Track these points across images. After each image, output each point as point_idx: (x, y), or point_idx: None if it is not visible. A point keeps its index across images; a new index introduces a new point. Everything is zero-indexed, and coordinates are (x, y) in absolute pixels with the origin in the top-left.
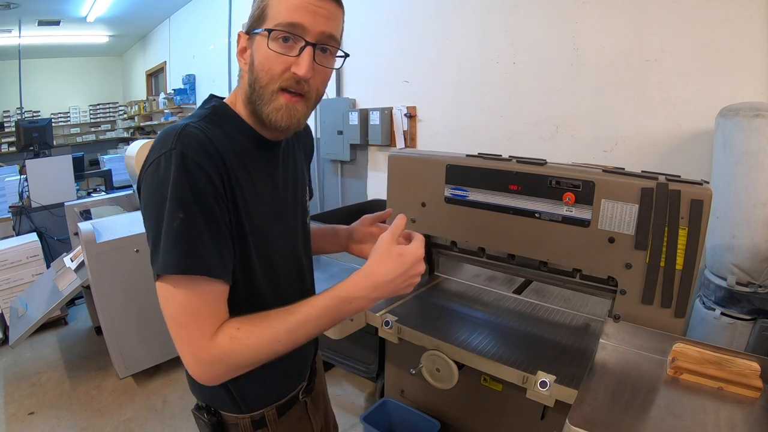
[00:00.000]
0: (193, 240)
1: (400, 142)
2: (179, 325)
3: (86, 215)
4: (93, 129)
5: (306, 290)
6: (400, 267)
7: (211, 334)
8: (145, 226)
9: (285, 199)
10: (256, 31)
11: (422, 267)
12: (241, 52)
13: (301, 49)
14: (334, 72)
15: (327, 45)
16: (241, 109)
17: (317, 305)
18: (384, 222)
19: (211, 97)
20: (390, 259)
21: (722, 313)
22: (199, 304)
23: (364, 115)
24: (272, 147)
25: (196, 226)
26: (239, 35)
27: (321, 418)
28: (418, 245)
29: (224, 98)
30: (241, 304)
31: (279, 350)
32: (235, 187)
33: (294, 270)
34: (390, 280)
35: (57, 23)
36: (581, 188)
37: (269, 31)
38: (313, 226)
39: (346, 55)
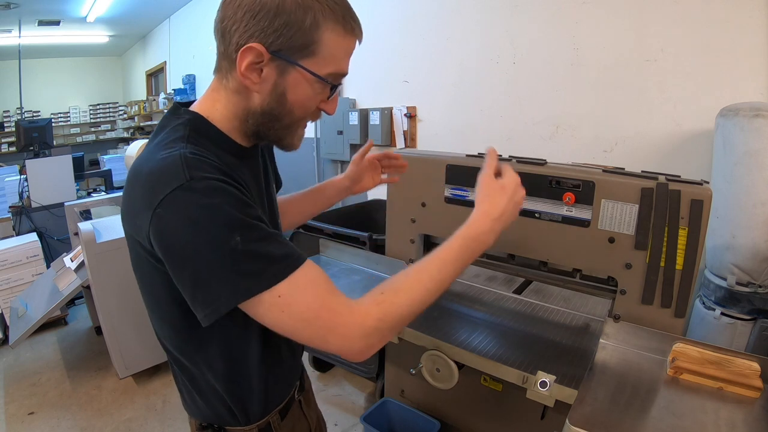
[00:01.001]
0: (266, 247)
1: (400, 142)
2: (311, 324)
3: (86, 215)
4: (93, 129)
5: None
6: (506, 197)
7: (349, 308)
8: (174, 272)
9: (268, 202)
10: (297, 63)
11: (523, 191)
12: (251, 68)
13: (333, 89)
14: None
15: None
16: (219, 120)
17: (451, 248)
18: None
19: (177, 107)
20: (496, 192)
21: (722, 313)
22: (314, 292)
23: (364, 115)
24: (251, 154)
25: (259, 235)
26: (251, 48)
27: (314, 413)
28: (512, 174)
29: (191, 105)
30: (253, 324)
31: (428, 300)
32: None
33: None
34: (503, 211)
35: (57, 23)
36: (581, 188)
37: (326, 81)
38: (283, 197)
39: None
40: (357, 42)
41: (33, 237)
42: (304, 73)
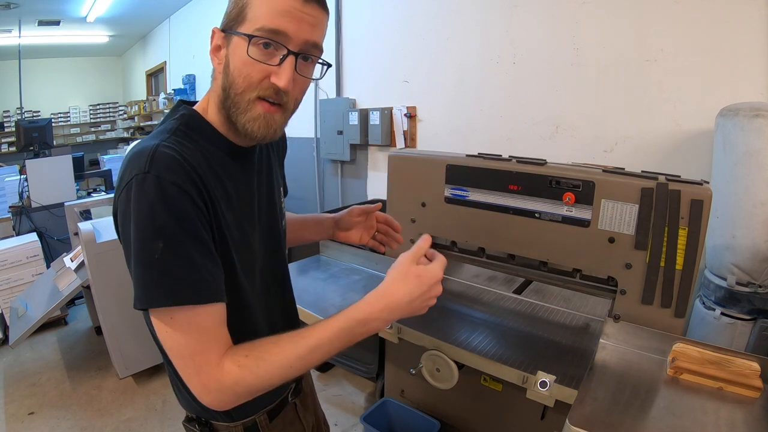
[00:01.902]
0: (181, 267)
1: (400, 142)
2: (184, 358)
3: (86, 215)
4: (93, 129)
5: (287, 292)
6: (418, 289)
7: (219, 361)
8: (124, 253)
9: (262, 205)
10: (233, 31)
11: (440, 289)
12: (216, 50)
13: (283, 58)
14: (333, 71)
15: (310, 54)
16: (213, 116)
17: (331, 328)
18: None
19: (180, 103)
20: (409, 279)
21: (722, 313)
22: (201, 332)
23: (364, 115)
24: (247, 154)
25: (182, 252)
26: (214, 31)
27: (311, 417)
28: (438, 266)
29: (195, 103)
30: (231, 317)
31: (290, 376)
32: (215, 202)
33: (278, 273)
34: (407, 302)
35: (57, 23)
36: (581, 188)
37: (250, 37)
38: (292, 215)
39: (328, 65)
40: (297, 1)
41: (33, 237)
42: (239, 38)
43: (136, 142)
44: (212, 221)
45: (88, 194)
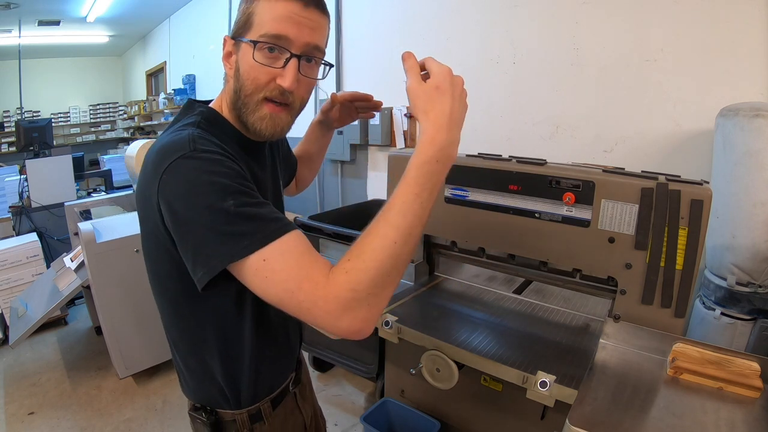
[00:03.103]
0: (257, 213)
1: (400, 142)
2: (293, 294)
3: (86, 215)
4: (93, 129)
5: None
6: (446, 94)
7: (326, 281)
8: (180, 234)
9: (269, 197)
10: (241, 39)
11: (460, 78)
12: (227, 56)
13: (286, 61)
14: (334, 71)
15: (312, 56)
16: (227, 114)
17: (409, 182)
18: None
19: (192, 102)
20: (433, 95)
21: (722, 313)
22: (297, 258)
23: None
24: (258, 148)
25: (251, 201)
26: (225, 39)
27: (310, 408)
28: (438, 66)
29: (209, 102)
30: (248, 303)
31: (400, 252)
32: None
33: None
34: (450, 111)
35: (57, 23)
36: (581, 188)
37: (254, 43)
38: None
39: (330, 65)
40: (296, 3)
41: (33, 237)
42: (246, 45)
43: (154, 139)
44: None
45: (88, 194)
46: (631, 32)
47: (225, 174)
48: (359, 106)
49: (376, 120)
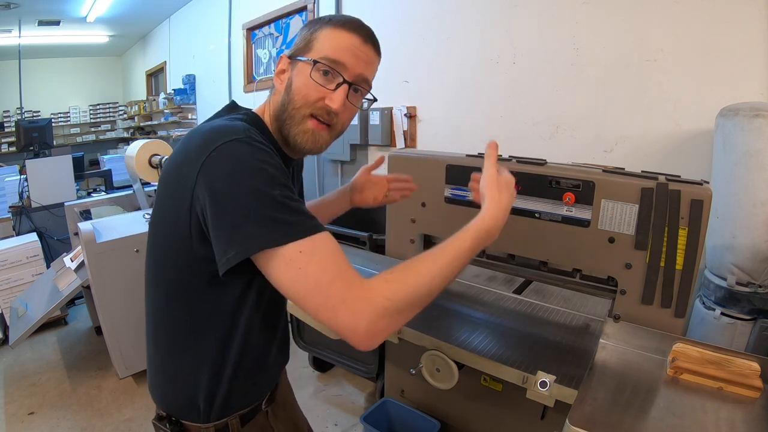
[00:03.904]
0: (300, 207)
1: (400, 142)
2: (323, 288)
3: (86, 215)
4: (93, 129)
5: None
6: (510, 193)
7: (361, 282)
8: (218, 208)
9: None
10: (300, 58)
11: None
12: (280, 72)
13: (338, 85)
14: None
15: (360, 86)
16: (268, 123)
17: (464, 242)
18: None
19: (235, 104)
20: (505, 188)
21: (722, 313)
22: (333, 255)
23: (364, 115)
24: (289, 163)
25: (293, 196)
26: (281, 57)
27: (283, 427)
28: (506, 170)
29: (250, 109)
30: (265, 307)
31: (433, 289)
32: None
33: None
34: (508, 204)
35: (57, 23)
36: (581, 188)
37: (315, 62)
38: (312, 202)
39: (375, 99)
40: (357, 37)
41: (33, 237)
42: (303, 63)
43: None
44: None
45: (88, 194)
46: (631, 32)
47: (275, 166)
48: (393, 187)
49: (376, 120)
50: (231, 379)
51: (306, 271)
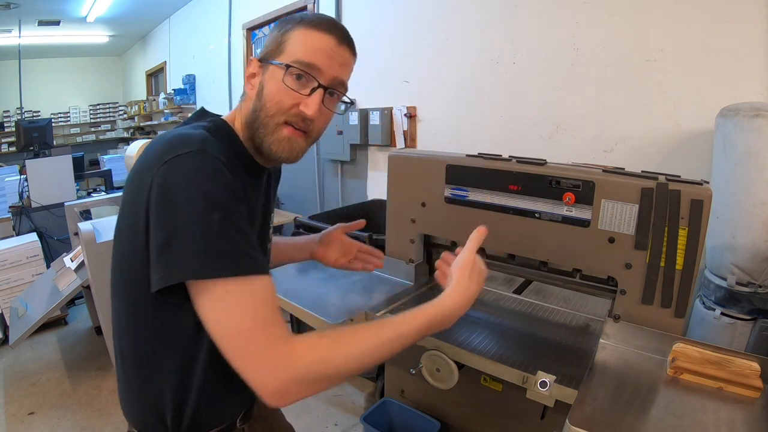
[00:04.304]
0: (238, 240)
1: (400, 142)
2: (242, 334)
3: (86, 215)
4: (93, 129)
5: None
6: (480, 281)
7: (286, 339)
8: (156, 222)
9: (263, 221)
10: (272, 61)
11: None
12: (251, 77)
13: (313, 90)
14: None
15: (336, 90)
16: (239, 130)
17: (413, 322)
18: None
19: (204, 111)
20: (474, 275)
21: (722, 313)
22: (261, 304)
23: (364, 115)
24: (260, 173)
25: (237, 226)
26: (251, 60)
27: None
28: (483, 263)
29: (219, 116)
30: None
31: (365, 364)
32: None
33: None
34: (474, 294)
35: (57, 23)
36: (581, 188)
37: (287, 66)
38: (281, 239)
39: (351, 102)
40: (332, 38)
41: (33, 237)
42: (275, 67)
43: (166, 131)
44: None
45: (88, 194)
46: (631, 32)
47: (223, 186)
48: (360, 256)
49: (376, 120)
50: (197, 398)
51: (230, 314)
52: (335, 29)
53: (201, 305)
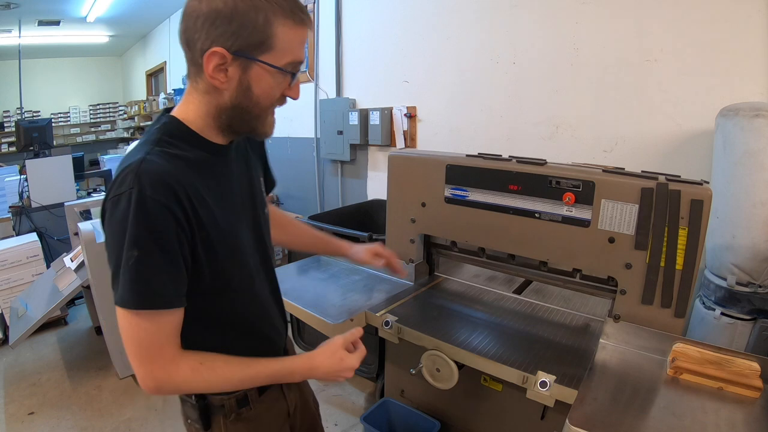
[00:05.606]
0: (149, 276)
1: (400, 142)
2: (140, 347)
3: (86, 215)
4: (93, 129)
5: (270, 272)
6: (337, 366)
7: (173, 358)
8: (107, 255)
9: (244, 194)
10: (260, 60)
11: (351, 374)
12: (218, 69)
13: (293, 77)
14: (333, 71)
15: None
16: (195, 122)
17: (269, 369)
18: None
19: (164, 112)
20: (334, 359)
21: (722, 313)
22: (159, 332)
23: (364, 115)
24: (225, 151)
25: (151, 263)
26: (214, 51)
27: (295, 396)
28: (357, 358)
29: (171, 117)
30: (215, 301)
31: (225, 390)
32: (200, 203)
33: (261, 256)
34: (324, 373)
35: (57, 23)
36: (581, 188)
37: (293, 74)
38: (310, 229)
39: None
40: (308, 28)
41: (33, 237)
42: (264, 67)
43: (131, 147)
44: (194, 227)
45: (88, 194)
46: (631, 32)
47: (146, 226)
48: (385, 264)
49: (376, 120)
50: (242, 352)
51: (126, 338)
52: (308, 18)
53: (119, 319)
